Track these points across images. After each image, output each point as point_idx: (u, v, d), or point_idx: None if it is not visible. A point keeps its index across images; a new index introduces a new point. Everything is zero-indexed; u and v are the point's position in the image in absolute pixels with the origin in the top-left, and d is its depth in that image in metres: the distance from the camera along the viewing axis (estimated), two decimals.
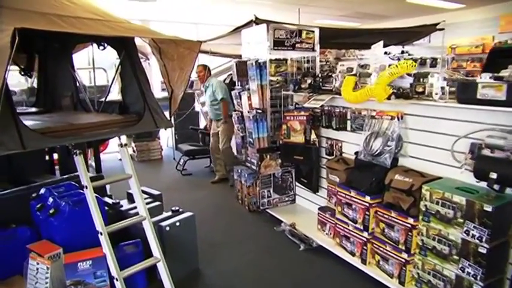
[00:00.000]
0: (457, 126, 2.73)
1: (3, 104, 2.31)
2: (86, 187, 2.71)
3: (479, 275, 2.42)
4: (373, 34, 6.00)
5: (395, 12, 7.90)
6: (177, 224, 3.25)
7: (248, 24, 4.72)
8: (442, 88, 2.75)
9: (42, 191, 3.17)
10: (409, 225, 2.84)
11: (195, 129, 7.52)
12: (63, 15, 2.42)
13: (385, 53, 7.64)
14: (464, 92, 2.57)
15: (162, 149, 8.09)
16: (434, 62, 7.00)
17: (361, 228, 3.22)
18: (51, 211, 2.91)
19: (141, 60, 6.64)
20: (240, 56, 5.08)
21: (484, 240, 2.37)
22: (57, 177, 3.95)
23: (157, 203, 3.61)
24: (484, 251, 2.39)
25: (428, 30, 6.58)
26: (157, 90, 7.15)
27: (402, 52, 7.58)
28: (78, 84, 3.74)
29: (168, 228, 3.17)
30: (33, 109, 3.79)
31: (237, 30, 4.98)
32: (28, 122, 2.79)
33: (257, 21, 4.56)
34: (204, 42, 6.41)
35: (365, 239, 3.21)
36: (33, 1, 2.41)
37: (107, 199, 3.60)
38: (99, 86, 6.33)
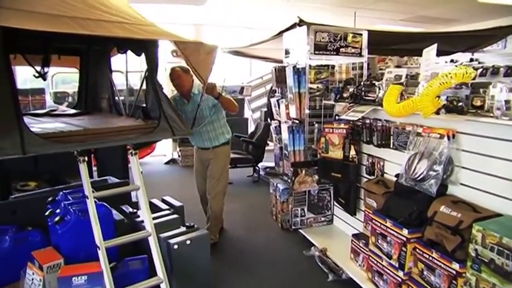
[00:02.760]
0: None
1: (6, 106, 2.22)
2: (87, 197, 2.54)
3: None
4: (435, 39, 5.31)
5: (464, 15, 7.05)
6: (188, 242, 2.93)
7: (292, 27, 4.33)
8: (507, 102, 2.17)
9: (59, 195, 3.04)
10: (454, 272, 2.29)
11: (238, 137, 7.25)
12: (67, 15, 2.27)
13: (452, 60, 6.94)
14: None
15: None
16: (509, 71, 6.15)
17: (396, 265, 2.70)
18: (56, 219, 2.76)
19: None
20: (280, 61, 4.72)
21: None
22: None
23: (175, 216, 3.30)
24: None
25: (503, 32, 5.70)
26: None
27: (471, 60, 6.82)
28: (114, 87, 3.68)
29: (176, 247, 2.87)
30: (72, 111, 3.80)
31: (281, 33, 4.60)
32: (50, 125, 2.85)
33: (301, 23, 4.15)
34: (252, 45, 6.14)
35: (400, 280, 2.69)
36: (35, 2, 2.28)
37: (128, 207, 3.39)
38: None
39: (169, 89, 4.48)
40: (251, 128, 8.77)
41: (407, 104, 2.71)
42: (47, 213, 2.88)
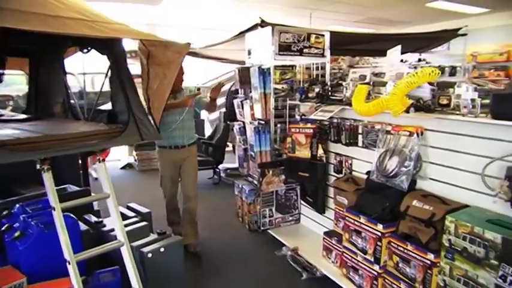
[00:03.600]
0: (490, 146, 2.28)
1: None
2: (54, 209, 2.37)
3: None
4: (389, 40, 5.56)
5: (413, 18, 7.45)
6: (161, 250, 2.85)
7: (253, 28, 4.35)
8: (473, 100, 2.30)
9: (15, 208, 2.79)
10: (429, 262, 2.41)
11: (198, 139, 7.17)
12: (31, 12, 2.09)
13: (401, 60, 7.25)
14: (502, 106, 2.14)
15: None
16: (453, 71, 6.55)
17: (372, 260, 2.78)
18: (16, 234, 2.55)
19: None
20: (243, 62, 4.71)
21: None
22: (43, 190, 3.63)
23: (144, 223, 3.20)
24: None
25: (450, 35, 6.10)
26: None
27: (419, 60, 7.17)
28: (69, 90, 3.46)
29: (150, 255, 2.78)
30: (21, 116, 3.49)
31: (242, 34, 4.61)
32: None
33: (263, 24, 4.18)
34: (208, 46, 6.10)
35: (376, 273, 2.78)
36: None
37: (91, 217, 3.23)
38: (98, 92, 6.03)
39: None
40: (207, 129, 8.71)
41: (377, 103, 2.80)
42: (3, 229, 2.66)
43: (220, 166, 6.73)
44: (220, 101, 8.98)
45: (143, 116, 2.85)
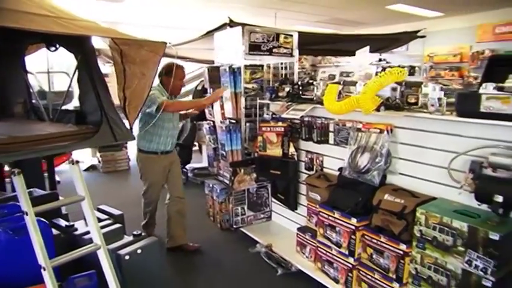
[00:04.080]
0: (456, 142, 2.44)
1: None
2: (27, 213, 2.29)
3: None
4: (352, 41, 5.75)
5: (374, 19, 7.72)
6: (139, 251, 2.82)
7: (222, 27, 4.37)
8: (439, 99, 2.45)
9: None
10: (401, 252, 2.54)
11: None
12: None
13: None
14: (465, 104, 2.30)
15: (129, 160, 7.59)
16: (412, 70, 6.87)
17: (346, 253, 2.89)
18: None
19: (108, 65, 6.18)
20: (212, 62, 4.71)
21: (489, 272, 2.08)
22: (7, 195, 3.48)
23: (118, 225, 3.16)
24: (488, 284, 2.10)
25: (409, 37, 6.40)
26: None
27: (380, 60, 7.44)
28: (31, 89, 3.33)
29: (127, 257, 2.75)
30: None
31: (210, 33, 4.61)
32: None
33: (231, 24, 4.21)
34: (174, 45, 6.04)
35: (350, 265, 2.89)
36: None
37: (60, 221, 3.15)
38: (59, 92, 5.83)
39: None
40: None
41: (348, 102, 2.90)
42: None
43: (187, 166, 6.70)
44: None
45: (116, 116, 2.78)
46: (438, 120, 2.49)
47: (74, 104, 3.50)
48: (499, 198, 2.13)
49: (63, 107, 3.17)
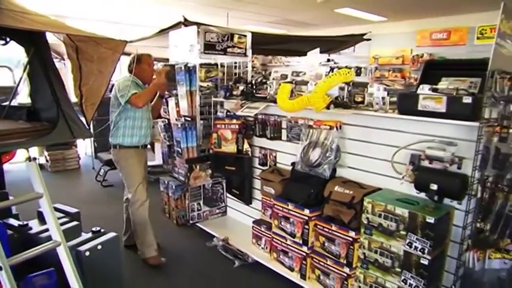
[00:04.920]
0: (397, 137, 2.70)
1: None
2: None
3: (420, 286, 2.40)
4: (303, 41, 5.99)
5: (323, 21, 8.04)
6: (99, 247, 2.83)
7: (176, 25, 4.43)
8: (383, 98, 2.70)
9: None
10: (351, 239, 2.76)
11: None
12: None
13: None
14: (406, 103, 2.55)
15: (79, 158, 7.42)
16: (358, 71, 7.25)
17: (300, 242, 3.09)
18: None
19: (56, 60, 5.99)
20: (167, 60, 4.75)
21: (426, 251, 2.35)
22: None
23: (75, 223, 3.15)
24: (426, 262, 2.37)
25: (356, 40, 6.76)
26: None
27: (328, 60, 7.77)
28: None
29: (88, 253, 2.75)
30: None
31: (165, 31, 4.65)
32: None
33: (186, 22, 4.28)
34: (130, 42, 5.99)
35: (304, 254, 3.08)
36: None
37: (12, 221, 3.08)
38: (2, 88, 5.60)
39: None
40: None
41: (300, 100, 3.09)
42: None
43: None
44: None
45: (72, 113, 2.74)
46: (382, 117, 2.74)
47: (19, 100, 3.39)
48: (434, 187, 2.39)
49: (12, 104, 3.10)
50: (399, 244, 2.48)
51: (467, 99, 2.24)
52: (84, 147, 8.06)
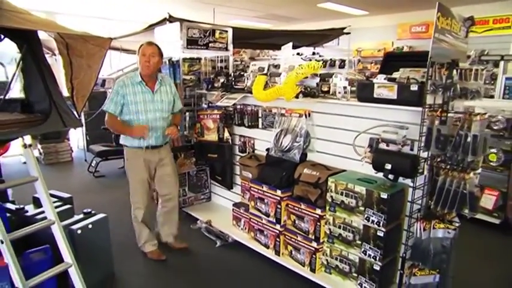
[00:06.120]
0: (358, 123, 2.97)
1: None
2: None
3: (378, 256, 2.68)
4: (286, 36, 6.23)
5: (306, 15, 8.30)
6: (90, 226, 3.11)
7: (162, 22, 4.66)
8: (345, 88, 2.97)
9: None
10: (317, 216, 3.04)
11: (107, 129, 7.22)
12: None
13: (298, 53, 8.06)
14: (363, 92, 2.81)
15: (72, 151, 7.65)
16: (342, 64, 7.52)
17: (274, 221, 3.36)
18: None
19: (47, 55, 6.20)
20: None
21: (381, 224, 2.62)
22: None
23: (68, 206, 3.41)
24: (381, 234, 2.64)
25: (337, 33, 7.03)
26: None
27: (313, 53, 8.03)
28: None
29: (79, 232, 3.02)
30: None
31: (150, 27, 4.89)
32: None
33: (171, 19, 4.52)
34: (115, 39, 6.21)
35: (278, 231, 3.36)
36: None
37: (9, 205, 3.34)
38: None
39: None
40: None
41: (273, 91, 3.36)
42: None
43: None
44: None
45: (64, 105, 2.96)
46: (344, 105, 3.02)
47: (11, 95, 3.57)
48: (388, 166, 2.66)
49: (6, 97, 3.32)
50: (359, 219, 2.75)
51: (414, 87, 2.51)
52: (77, 140, 8.28)
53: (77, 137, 8.23)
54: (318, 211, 3.03)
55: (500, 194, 4.25)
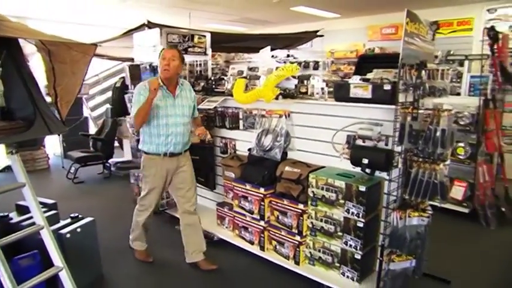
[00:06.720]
0: (335, 121, 3.14)
1: None
2: None
3: (358, 245, 2.85)
4: (261, 39, 6.40)
5: (280, 19, 8.49)
6: (78, 230, 3.17)
7: (140, 27, 4.74)
8: (322, 89, 3.14)
9: None
10: (300, 211, 3.18)
11: (86, 135, 7.23)
12: None
13: (273, 56, 8.23)
14: (340, 92, 2.99)
15: (48, 158, 7.58)
16: (316, 65, 7.73)
17: (258, 218, 3.49)
18: None
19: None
20: (131, 59, 5.04)
21: (360, 215, 2.80)
22: None
23: (53, 211, 3.45)
24: (361, 224, 2.82)
25: (310, 36, 7.25)
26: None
27: (288, 56, 8.21)
28: None
29: (68, 235, 3.08)
30: None
31: (129, 33, 4.95)
32: None
33: (150, 24, 4.60)
34: (98, 45, 6.23)
35: (262, 228, 3.49)
36: None
37: None
38: None
39: None
40: (91, 126, 8.71)
41: (253, 93, 3.50)
42: None
43: (110, 160, 6.92)
44: (105, 97, 9.08)
45: (48, 110, 2.95)
46: (322, 105, 3.19)
47: None
48: (365, 161, 2.83)
49: None
50: (339, 212, 2.92)
51: (387, 87, 2.69)
52: (53, 147, 8.19)
53: (53, 144, 8.13)
54: (300, 206, 3.18)
55: (469, 185, 4.52)
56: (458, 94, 5.46)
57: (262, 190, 3.40)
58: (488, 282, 3.35)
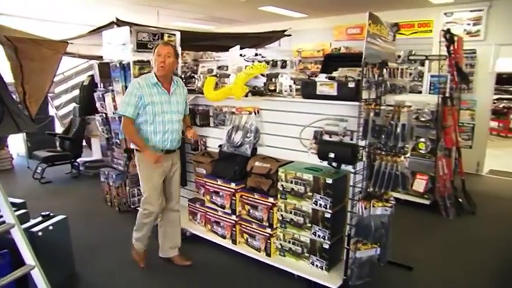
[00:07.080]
0: (303, 118, 3.27)
1: None
2: None
3: (326, 235, 2.99)
4: (229, 38, 6.49)
5: (248, 18, 8.58)
6: (50, 228, 3.15)
7: (109, 25, 4.72)
8: (290, 86, 3.26)
9: None
10: (270, 204, 3.30)
11: (53, 134, 7.10)
12: None
13: (241, 55, 8.31)
14: (307, 89, 3.12)
15: (12, 158, 7.38)
16: (284, 64, 7.88)
17: (229, 212, 3.58)
18: None
19: None
20: (100, 57, 5.02)
21: (328, 207, 2.94)
22: None
23: (23, 210, 3.42)
24: (329, 215, 2.96)
25: (278, 35, 7.38)
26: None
27: (256, 55, 8.29)
28: None
29: (40, 234, 3.05)
30: None
31: (98, 30, 4.92)
32: None
33: (118, 22, 4.59)
34: (69, 42, 6.13)
35: (233, 222, 3.58)
36: None
37: None
38: None
39: None
40: (57, 125, 8.55)
41: (223, 91, 3.59)
42: None
43: (78, 160, 6.82)
44: (71, 96, 8.92)
45: (17, 108, 2.95)
46: (290, 102, 3.31)
47: None
48: (332, 155, 2.97)
49: None
50: (308, 204, 3.05)
51: (352, 84, 2.84)
52: (16, 147, 7.97)
53: (16, 144, 7.92)
54: (271, 199, 3.30)
55: (429, 178, 4.77)
56: (420, 92, 5.73)
57: (233, 185, 3.50)
58: (447, 268, 3.57)
